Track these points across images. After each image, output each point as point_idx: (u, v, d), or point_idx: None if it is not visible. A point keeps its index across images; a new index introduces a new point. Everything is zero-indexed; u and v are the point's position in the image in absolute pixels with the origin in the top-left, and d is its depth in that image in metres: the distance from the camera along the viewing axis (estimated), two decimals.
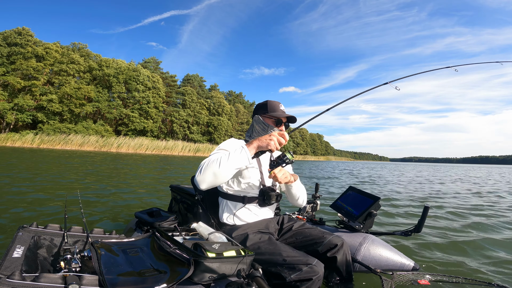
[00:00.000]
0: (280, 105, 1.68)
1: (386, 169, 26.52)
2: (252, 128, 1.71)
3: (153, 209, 1.90)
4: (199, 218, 1.76)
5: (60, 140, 23.88)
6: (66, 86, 27.99)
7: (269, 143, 1.26)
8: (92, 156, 15.69)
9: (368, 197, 1.99)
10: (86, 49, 34.35)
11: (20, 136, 22.81)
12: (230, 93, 55.01)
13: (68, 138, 24.52)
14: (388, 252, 1.75)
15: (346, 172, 16.97)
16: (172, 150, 30.44)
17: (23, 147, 21.13)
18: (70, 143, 24.09)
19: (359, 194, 2.11)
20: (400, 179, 12.18)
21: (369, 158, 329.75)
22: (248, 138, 1.70)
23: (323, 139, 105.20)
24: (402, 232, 1.94)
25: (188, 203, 2.16)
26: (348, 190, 2.27)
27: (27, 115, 26.33)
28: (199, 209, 1.81)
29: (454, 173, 20.74)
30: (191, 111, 38.99)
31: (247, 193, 1.54)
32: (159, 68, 43.30)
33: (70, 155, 15.08)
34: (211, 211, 1.69)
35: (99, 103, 30.30)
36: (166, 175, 8.86)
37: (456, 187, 9.41)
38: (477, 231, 3.34)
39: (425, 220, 1.80)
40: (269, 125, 1.63)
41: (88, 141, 25.17)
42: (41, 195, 4.15)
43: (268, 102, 1.67)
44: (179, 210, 2.28)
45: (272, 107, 1.65)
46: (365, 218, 1.89)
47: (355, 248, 1.74)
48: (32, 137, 22.97)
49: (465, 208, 4.87)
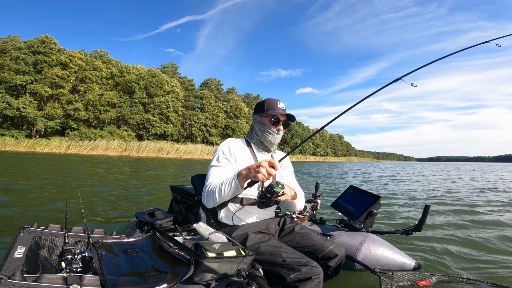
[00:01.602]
0: (278, 102, 1.59)
1: (400, 169, 25.16)
2: (251, 128, 1.67)
3: (154, 209, 1.90)
4: (199, 218, 1.76)
5: (86, 145, 24.65)
6: (89, 93, 28.95)
7: (257, 176, 1.19)
8: (115, 160, 15.92)
9: (368, 196, 1.98)
10: (107, 56, 35.13)
11: (49, 142, 23.47)
12: (247, 95, 55.22)
13: (94, 143, 25.33)
14: (389, 251, 1.74)
15: (359, 172, 16.74)
16: (192, 153, 30.87)
17: (51, 152, 21.62)
18: (96, 148, 24.84)
19: (360, 193, 2.10)
20: (410, 178, 12.15)
21: (393, 158, 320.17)
22: (248, 138, 1.67)
23: (343, 140, 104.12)
24: (403, 231, 1.94)
25: (188, 203, 2.16)
26: (349, 189, 2.27)
27: (56, 122, 27.44)
28: (199, 209, 1.81)
29: (483, 172, 20.14)
30: (209, 115, 39.59)
31: (245, 195, 1.51)
32: (177, 73, 43.93)
33: (90, 159, 15.24)
34: (211, 211, 1.69)
35: (121, 109, 31.19)
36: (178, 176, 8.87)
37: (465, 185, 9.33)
38: (480, 229, 3.34)
39: (426, 219, 1.80)
40: (265, 124, 1.57)
41: (112, 146, 25.88)
42: (41, 196, 4.16)
43: (265, 100, 1.61)
44: (180, 210, 2.28)
45: (269, 106, 1.57)
46: (365, 217, 1.89)
47: (355, 247, 1.74)
48: (59, 143, 23.65)
49: (467, 206, 4.86)
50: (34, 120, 26.00)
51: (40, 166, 9.04)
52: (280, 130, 1.58)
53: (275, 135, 1.58)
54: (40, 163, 10.42)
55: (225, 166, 1.49)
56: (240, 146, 1.60)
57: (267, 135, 1.57)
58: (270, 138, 1.58)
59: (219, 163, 1.50)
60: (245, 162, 1.52)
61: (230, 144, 1.57)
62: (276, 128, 1.57)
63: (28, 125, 27.04)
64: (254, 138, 1.64)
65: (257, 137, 1.62)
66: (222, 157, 1.52)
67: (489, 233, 3.21)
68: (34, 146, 22.55)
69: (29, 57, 27.41)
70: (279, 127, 1.58)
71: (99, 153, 24.46)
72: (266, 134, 1.57)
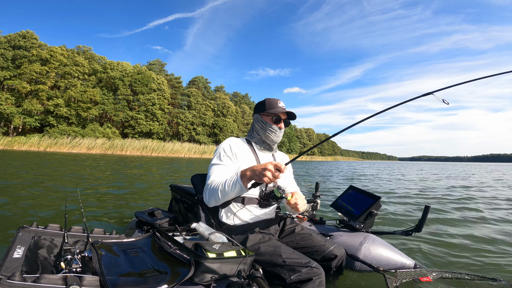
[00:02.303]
0: (278, 102, 1.62)
1: (380, 168, 26.24)
2: (252, 127, 1.68)
3: (153, 209, 1.90)
4: (199, 218, 1.76)
5: (67, 143, 23.91)
6: (72, 89, 28.12)
7: (262, 179, 1.19)
8: (98, 159, 15.63)
9: (368, 197, 1.98)
10: (90, 52, 34.34)
11: (27, 140, 22.88)
12: (235, 94, 54.76)
13: (75, 141, 24.57)
14: (389, 251, 1.74)
15: (342, 172, 16.92)
16: (178, 152, 30.39)
17: (30, 150, 21.16)
18: (77, 146, 24.11)
19: (360, 193, 2.10)
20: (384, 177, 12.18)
21: (377, 157, 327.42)
22: (249, 138, 1.67)
23: (330, 140, 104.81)
24: (403, 231, 1.94)
25: (188, 203, 2.16)
26: (349, 189, 2.27)
27: (35, 119, 26.57)
28: (199, 209, 1.81)
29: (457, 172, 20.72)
30: (196, 113, 39.01)
31: (247, 194, 1.51)
32: (163, 70, 43.31)
33: (72, 158, 15.01)
34: (211, 211, 1.68)
35: (105, 106, 30.39)
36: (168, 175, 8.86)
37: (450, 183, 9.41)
38: (477, 228, 3.34)
39: (425, 219, 1.80)
40: (267, 123, 1.59)
41: (95, 144, 25.19)
42: (41, 195, 4.15)
43: (266, 100, 1.63)
44: (179, 210, 2.27)
45: (270, 105, 1.60)
46: (365, 218, 1.89)
47: (355, 247, 1.74)
48: (38, 140, 23.05)
49: (467, 204, 4.87)
50: (11, 117, 25.16)
51: (19, 163, 9.01)
52: (281, 128, 1.61)
53: (277, 133, 1.59)
54: (22, 161, 10.36)
55: (227, 164, 1.49)
56: (241, 145, 1.60)
57: (268, 134, 1.59)
58: (271, 136, 1.59)
59: (220, 162, 1.50)
60: (247, 160, 1.52)
61: (231, 142, 1.57)
62: (278, 126, 1.59)
63: (6, 122, 26.13)
64: (255, 137, 1.64)
65: (259, 136, 1.62)
66: (223, 155, 1.51)
67: (488, 228, 3.23)
68: (12, 144, 21.83)
69: (8, 51, 26.59)
70: (280, 125, 1.60)
71: (82, 151, 23.71)
72: (268, 132, 1.58)
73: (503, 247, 2.68)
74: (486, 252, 2.53)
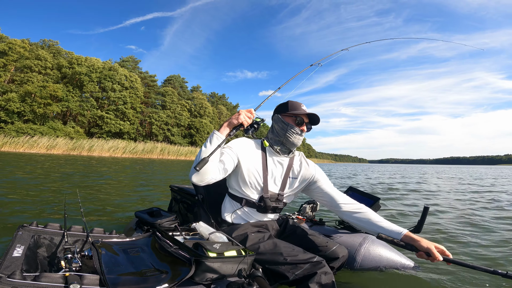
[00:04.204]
0: (301, 105, 1.56)
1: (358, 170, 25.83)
2: (271, 128, 1.61)
3: (153, 209, 1.89)
4: (199, 218, 1.76)
5: (23, 142, 20.89)
6: (29, 84, 25.31)
7: (239, 117, 1.38)
8: (60, 159, 14.01)
9: (368, 198, 1.99)
10: (56, 46, 32.18)
11: None
12: (212, 94, 52.94)
13: (33, 140, 21.44)
14: (388, 252, 1.75)
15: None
16: (151, 153, 28.39)
17: None
18: (36, 146, 21.15)
19: (359, 194, 2.11)
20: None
21: (349, 160, 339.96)
22: (267, 140, 1.60)
23: (305, 142, 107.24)
24: None
25: (188, 203, 2.16)
26: (348, 190, 2.27)
27: None
28: (199, 209, 1.81)
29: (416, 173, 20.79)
30: (171, 113, 36.69)
31: (247, 196, 1.50)
32: (137, 68, 40.46)
33: (32, 157, 13.39)
34: (211, 211, 1.69)
35: (68, 103, 27.66)
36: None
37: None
38: (480, 228, 3.35)
39: (425, 220, 1.80)
40: (289, 123, 1.52)
41: (57, 144, 22.52)
42: (41, 195, 4.13)
43: (289, 101, 1.58)
44: (179, 210, 2.28)
45: (293, 106, 1.55)
46: None
47: (355, 248, 1.75)
48: None
49: (466, 206, 4.89)
50: None
51: None
52: (303, 131, 1.54)
53: (298, 136, 1.53)
54: None
55: (225, 152, 1.44)
56: (252, 146, 1.56)
57: (289, 135, 1.52)
58: (292, 138, 1.52)
59: (221, 150, 1.43)
60: (251, 161, 1.50)
61: (243, 141, 1.55)
62: (300, 129, 1.52)
63: None
64: (273, 139, 1.58)
65: (277, 138, 1.56)
66: (227, 146, 1.47)
67: (485, 230, 3.23)
68: None
69: None
70: (303, 128, 1.54)
71: (41, 151, 21.08)
72: (289, 134, 1.52)
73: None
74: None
